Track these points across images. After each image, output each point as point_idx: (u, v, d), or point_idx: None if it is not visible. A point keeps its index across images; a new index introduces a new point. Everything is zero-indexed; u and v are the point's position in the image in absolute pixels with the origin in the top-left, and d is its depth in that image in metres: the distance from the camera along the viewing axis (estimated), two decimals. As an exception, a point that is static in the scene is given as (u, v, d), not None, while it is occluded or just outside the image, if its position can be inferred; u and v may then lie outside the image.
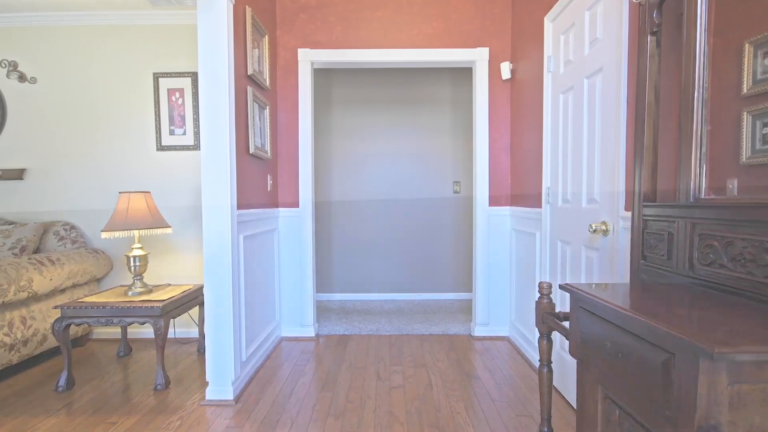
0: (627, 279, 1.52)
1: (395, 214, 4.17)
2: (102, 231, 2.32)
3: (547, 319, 1.26)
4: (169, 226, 2.51)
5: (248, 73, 2.37)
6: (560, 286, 1.12)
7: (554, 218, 2.21)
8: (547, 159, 2.28)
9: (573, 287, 1.06)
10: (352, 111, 4.12)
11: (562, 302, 2.04)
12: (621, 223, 1.56)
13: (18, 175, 3.05)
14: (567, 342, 1.47)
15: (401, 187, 4.15)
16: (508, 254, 2.98)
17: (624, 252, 1.55)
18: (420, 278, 4.19)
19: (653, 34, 1.30)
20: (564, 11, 2.08)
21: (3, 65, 3.08)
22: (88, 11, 2.97)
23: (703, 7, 1.09)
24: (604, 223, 1.67)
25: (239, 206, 2.23)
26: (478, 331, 2.99)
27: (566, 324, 1.28)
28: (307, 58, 2.98)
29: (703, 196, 1.10)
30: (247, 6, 2.36)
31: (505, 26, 2.98)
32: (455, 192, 4.13)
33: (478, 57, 2.96)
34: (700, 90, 1.10)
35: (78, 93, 3.05)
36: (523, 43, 2.72)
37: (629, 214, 1.52)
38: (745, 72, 0.97)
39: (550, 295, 1.37)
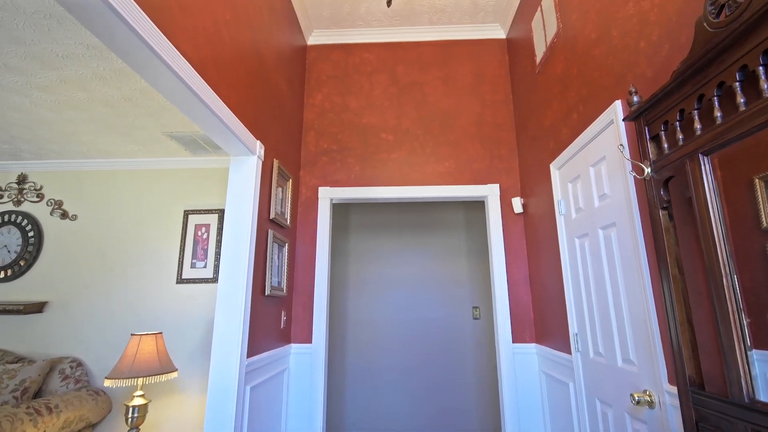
0: (688, 474, 1.29)
1: (412, 341, 3.96)
2: (106, 378, 2.22)
3: None
4: (175, 370, 2.40)
5: (270, 217, 2.50)
6: None
7: (587, 371, 2.02)
8: (570, 304, 2.19)
9: None
10: (369, 235, 4.23)
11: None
12: (668, 399, 1.40)
13: (38, 308, 3.09)
14: None
15: (418, 312, 4.01)
16: (539, 399, 2.69)
17: (677, 433, 1.36)
18: (441, 416, 3.77)
19: (664, 208, 1.32)
20: (568, 162, 2.21)
21: (49, 204, 3.37)
22: (132, 158, 3.33)
23: (712, 193, 1.12)
24: (647, 393, 1.50)
25: (249, 353, 2.14)
26: (513, 499, 2.55)
27: None
28: (327, 195, 3.17)
29: (759, 398, 0.97)
30: (275, 159, 2.60)
31: (513, 165, 3.17)
32: (475, 318, 3.95)
33: (489, 192, 3.10)
34: (729, 278, 1.06)
35: (112, 229, 3.25)
36: (532, 183, 2.85)
37: (675, 388, 1.36)
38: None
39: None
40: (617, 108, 1.69)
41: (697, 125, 1.15)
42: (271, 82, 2.61)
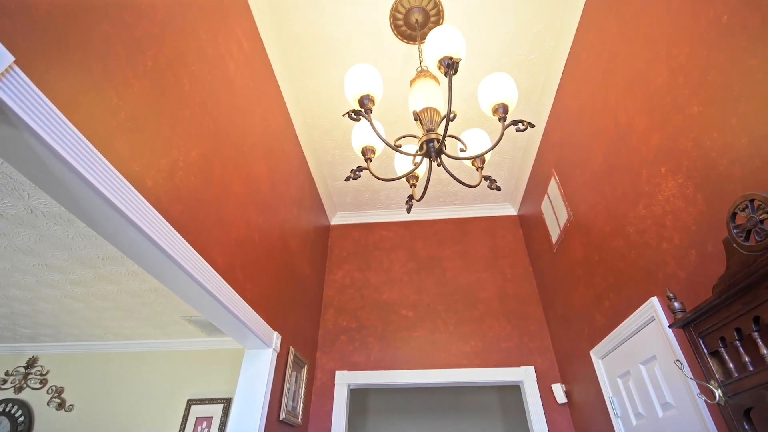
0: None
1: None
2: None
3: None
4: None
5: (280, 418, 2.22)
6: None
7: None
8: None
9: None
10: (390, 422, 3.70)
11: None
12: None
13: None
14: None
15: None
16: None
17: None
18: None
19: (759, 447, 1.07)
20: (612, 354, 2.00)
21: (49, 391, 3.16)
22: (146, 340, 3.25)
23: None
24: None
25: None
26: None
27: None
28: (344, 381, 2.90)
29: None
30: (291, 346, 2.47)
31: (545, 343, 2.93)
32: None
33: (525, 377, 2.78)
34: None
35: (107, 424, 2.94)
36: (573, 368, 2.56)
37: None
38: None
39: None
40: (655, 305, 1.59)
41: (764, 350, 1.02)
42: (295, 266, 2.69)
